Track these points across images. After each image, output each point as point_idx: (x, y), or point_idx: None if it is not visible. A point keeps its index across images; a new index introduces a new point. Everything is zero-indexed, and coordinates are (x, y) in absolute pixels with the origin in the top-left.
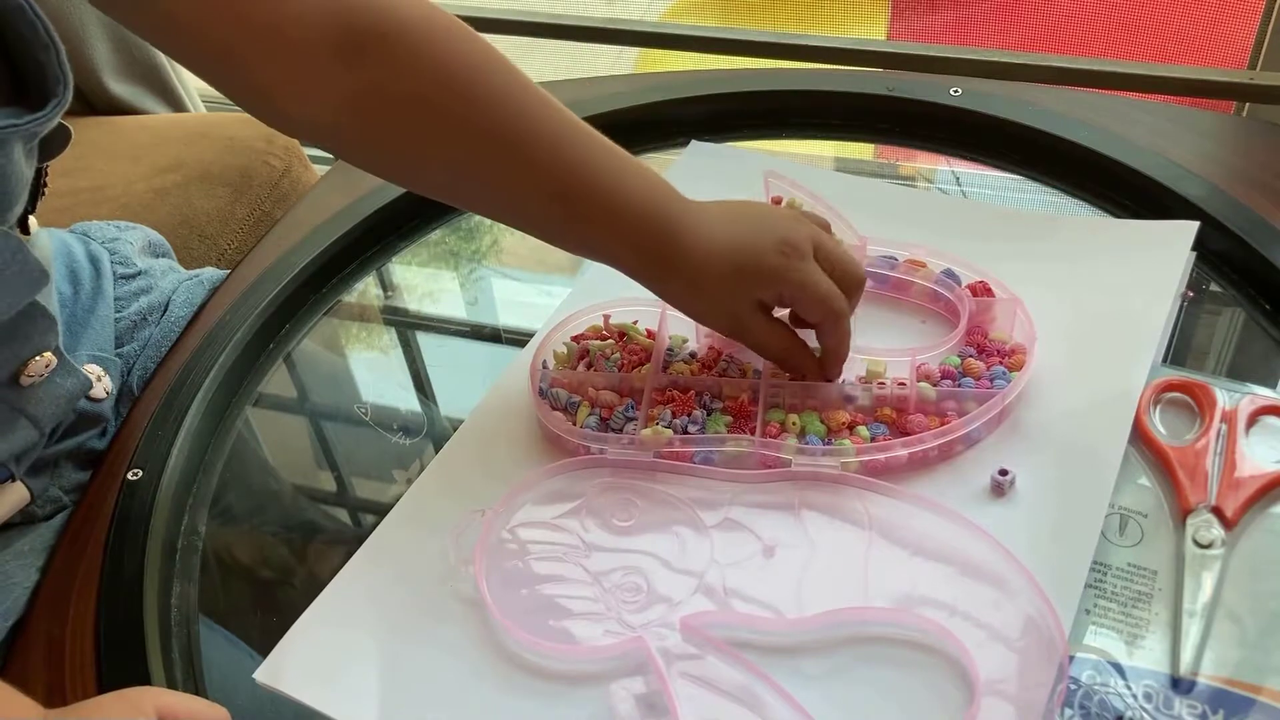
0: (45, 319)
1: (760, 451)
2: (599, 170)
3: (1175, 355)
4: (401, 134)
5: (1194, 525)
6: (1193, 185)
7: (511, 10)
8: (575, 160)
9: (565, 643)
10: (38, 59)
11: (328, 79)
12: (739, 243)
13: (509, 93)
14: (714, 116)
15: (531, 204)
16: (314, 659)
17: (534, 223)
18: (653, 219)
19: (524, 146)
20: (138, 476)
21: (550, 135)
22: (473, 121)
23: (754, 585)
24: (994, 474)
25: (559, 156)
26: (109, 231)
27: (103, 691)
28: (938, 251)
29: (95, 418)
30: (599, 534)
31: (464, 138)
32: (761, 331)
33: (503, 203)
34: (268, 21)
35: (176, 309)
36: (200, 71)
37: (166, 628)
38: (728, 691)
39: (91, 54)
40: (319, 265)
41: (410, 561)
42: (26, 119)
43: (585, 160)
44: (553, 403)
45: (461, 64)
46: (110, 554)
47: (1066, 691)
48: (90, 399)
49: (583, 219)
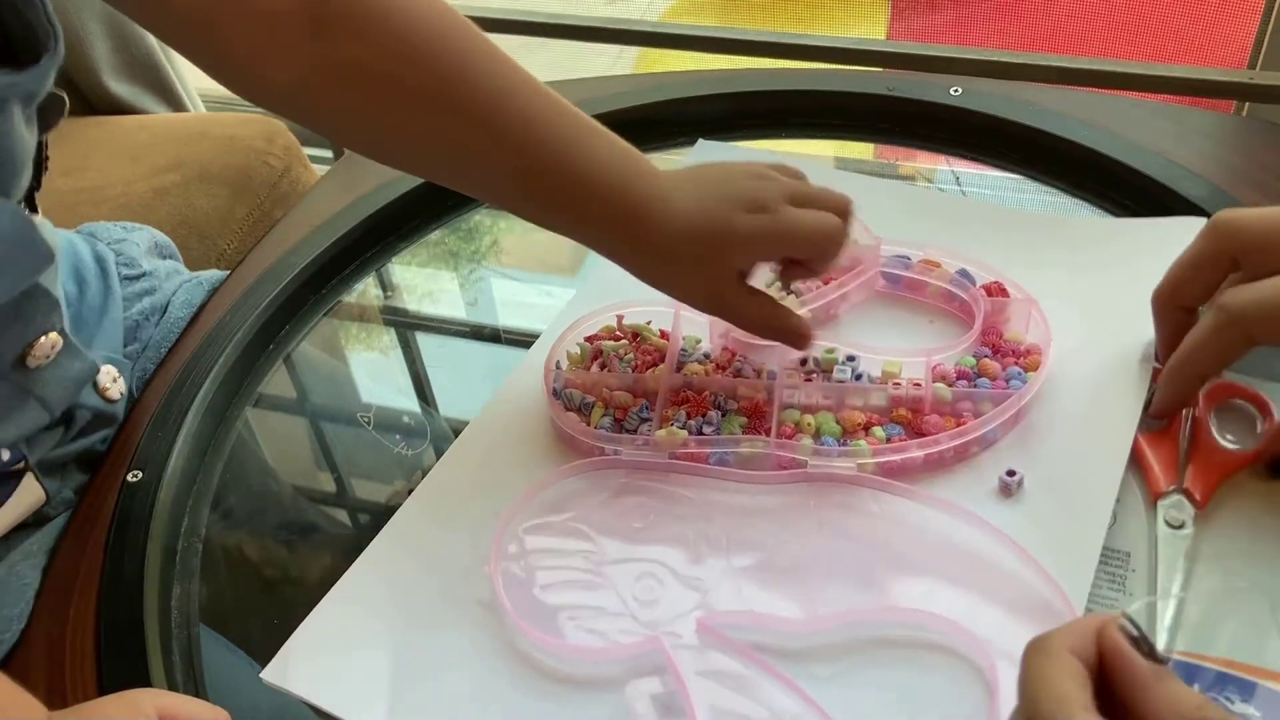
0: (48, 300)
1: (775, 452)
2: (567, 145)
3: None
4: (367, 105)
5: (1164, 507)
6: (1193, 185)
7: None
8: (542, 135)
9: (581, 644)
10: (25, 19)
11: (296, 48)
12: (707, 213)
13: (474, 64)
14: (717, 116)
15: (498, 180)
16: (322, 658)
17: (503, 199)
18: (621, 199)
19: (489, 120)
20: (138, 478)
21: (517, 108)
22: (437, 93)
23: (770, 586)
24: (1001, 475)
25: (527, 131)
26: (115, 233)
27: (103, 693)
28: (952, 251)
29: (109, 418)
30: (614, 535)
31: (428, 109)
32: (741, 304)
33: (472, 179)
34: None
35: (175, 310)
36: (174, 41)
37: (166, 629)
38: (745, 692)
39: (91, 53)
40: (319, 266)
41: (422, 560)
42: (23, 73)
43: (553, 135)
44: (566, 403)
45: (427, 34)
46: (110, 555)
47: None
48: (106, 399)
49: (548, 197)
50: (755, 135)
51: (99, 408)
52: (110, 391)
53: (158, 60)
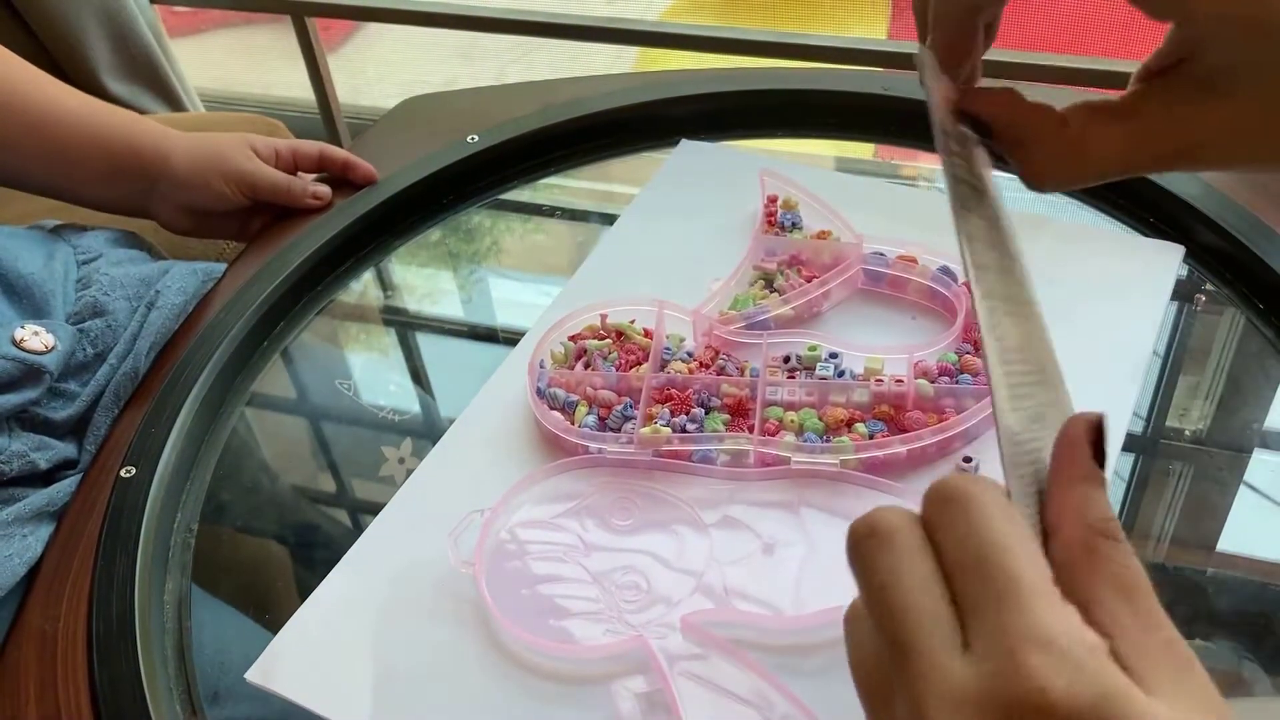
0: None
1: (759, 449)
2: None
3: (1169, 354)
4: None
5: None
6: (1188, 184)
7: (511, 10)
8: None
9: (566, 642)
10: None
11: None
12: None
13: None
14: (709, 115)
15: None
16: (308, 658)
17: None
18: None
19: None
20: (130, 473)
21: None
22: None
23: (754, 583)
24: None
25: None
26: (73, 230)
27: (94, 689)
28: (931, 248)
29: (36, 373)
30: (598, 533)
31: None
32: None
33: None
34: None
35: (170, 295)
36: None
37: (159, 624)
38: (730, 690)
39: (90, 54)
40: (313, 263)
41: (406, 559)
42: None
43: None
44: (550, 402)
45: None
46: (102, 551)
47: None
48: (25, 349)
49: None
50: (749, 135)
51: (17, 357)
52: (29, 344)
53: (156, 60)
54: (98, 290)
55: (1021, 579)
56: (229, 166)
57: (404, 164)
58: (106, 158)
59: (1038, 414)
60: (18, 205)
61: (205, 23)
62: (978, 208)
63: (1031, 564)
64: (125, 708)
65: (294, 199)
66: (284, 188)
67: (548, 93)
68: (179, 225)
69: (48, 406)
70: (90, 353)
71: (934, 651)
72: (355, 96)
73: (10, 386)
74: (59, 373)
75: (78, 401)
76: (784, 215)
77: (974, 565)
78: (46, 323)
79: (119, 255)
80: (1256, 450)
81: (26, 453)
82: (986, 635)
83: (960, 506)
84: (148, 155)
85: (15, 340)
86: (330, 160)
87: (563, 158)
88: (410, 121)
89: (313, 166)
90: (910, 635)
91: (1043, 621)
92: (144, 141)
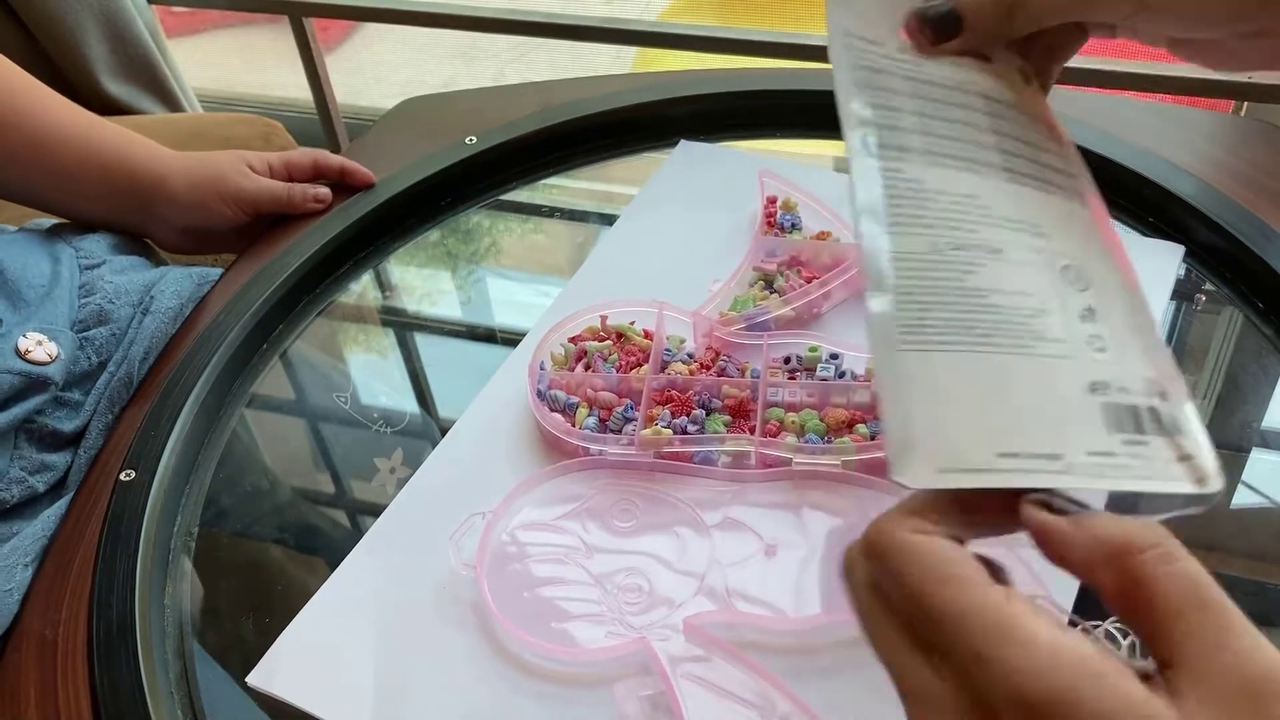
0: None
1: (760, 450)
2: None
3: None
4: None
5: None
6: (1188, 184)
7: (510, 10)
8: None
9: (568, 645)
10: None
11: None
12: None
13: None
14: (708, 116)
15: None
16: (309, 662)
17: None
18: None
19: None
20: (130, 477)
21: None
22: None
23: (756, 585)
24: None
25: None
26: (74, 232)
27: (94, 693)
28: None
29: (41, 383)
30: (600, 535)
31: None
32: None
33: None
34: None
35: (165, 300)
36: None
37: (159, 628)
38: (733, 691)
39: (88, 54)
40: (312, 265)
41: (407, 561)
42: None
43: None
44: (551, 404)
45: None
46: (102, 554)
47: None
48: (30, 361)
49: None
50: (748, 135)
51: (22, 370)
52: (35, 354)
53: (154, 60)
54: (101, 298)
55: (974, 634)
56: (227, 187)
57: (402, 165)
58: (103, 180)
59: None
60: (16, 205)
61: (203, 23)
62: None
63: (978, 615)
64: (126, 712)
65: (295, 207)
66: (285, 198)
67: (547, 93)
68: (178, 246)
69: (54, 417)
70: (95, 361)
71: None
72: (353, 97)
73: (15, 398)
74: (63, 382)
75: (83, 411)
76: (783, 216)
77: (928, 624)
78: (49, 330)
79: (122, 263)
80: (1255, 449)
81: (25, 478)
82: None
83: (894, 566)
84: (143, 179)
85: (20, 351)
86: (325, 168)
87: (562, 158)
88: (409, 122)
89: (307, 176)
90: (896, 681)
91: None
92: (140, 165)
